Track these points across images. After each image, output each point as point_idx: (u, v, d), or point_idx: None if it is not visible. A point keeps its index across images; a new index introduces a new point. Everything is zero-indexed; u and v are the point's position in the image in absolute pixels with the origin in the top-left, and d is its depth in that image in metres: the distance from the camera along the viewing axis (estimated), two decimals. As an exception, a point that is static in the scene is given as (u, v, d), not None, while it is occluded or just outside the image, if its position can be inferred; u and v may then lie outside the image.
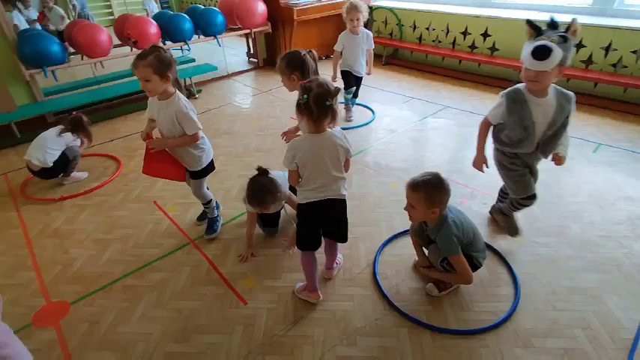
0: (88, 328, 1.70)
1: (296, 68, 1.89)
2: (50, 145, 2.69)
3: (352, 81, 3.50)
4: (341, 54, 3.39)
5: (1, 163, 3.18)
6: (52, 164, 2.70)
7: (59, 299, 1.85)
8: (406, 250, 2.04)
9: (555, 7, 4.09)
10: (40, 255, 2.16)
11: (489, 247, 2.01)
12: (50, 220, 2.45)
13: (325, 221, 1.69)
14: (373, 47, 3.42)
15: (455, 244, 1.62)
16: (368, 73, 3.52)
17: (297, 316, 1.72)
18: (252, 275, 1.95)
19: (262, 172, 1.86)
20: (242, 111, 4.09)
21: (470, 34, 4.51)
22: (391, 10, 5.20)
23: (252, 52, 5.59)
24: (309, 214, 1.65)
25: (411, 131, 3.43)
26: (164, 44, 4.18)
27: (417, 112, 3.79)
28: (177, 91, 1.87)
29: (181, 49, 4.40)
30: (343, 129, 1.61)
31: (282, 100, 4.26)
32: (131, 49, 4.06)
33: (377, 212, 2.38)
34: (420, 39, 5.03)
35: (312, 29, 5.18)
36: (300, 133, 2.03)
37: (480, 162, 1.94)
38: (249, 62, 5.61)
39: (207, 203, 2.20)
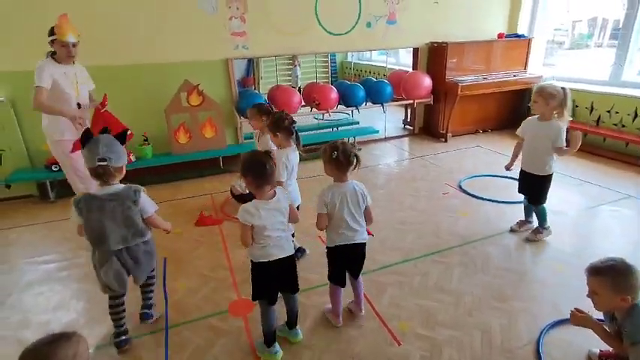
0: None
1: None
2: (250, 176, 3.41)
3: (524, 183, 2.78)
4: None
5: (209, 186, 4.11)
6: (248, 192, 3.39)
7: (247, 297, 2.28)
8: (578, 338, 1.86)
9: None
10: (233, 259, 2.70)
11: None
12: (235, 233, 3.03)
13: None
14: (562, 146, 2.50)
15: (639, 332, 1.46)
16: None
17: (450, 371, 1.74)
18: (407, 319, 2.06)
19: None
20: (397, 171, 4.39)
21: (666, 120, 4.01)
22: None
23: (408, 119, 6.01)
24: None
25: (582, 216, 3.16)
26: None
27: (590, 198, 3.47)
28: (292, 146, 2.40)
29: (351, 113, 5.06)
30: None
31: (435, 165, 4.43)
32: (311, 109, 4.88)
33: (540, 291, 2.25)
34: (597, 121, 4.67)
35: (472, 104, 5.34)
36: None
37: None
38: (405, 129, 6.02)
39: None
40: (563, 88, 2.46)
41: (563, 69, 5.64)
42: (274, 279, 1.78)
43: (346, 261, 1.97)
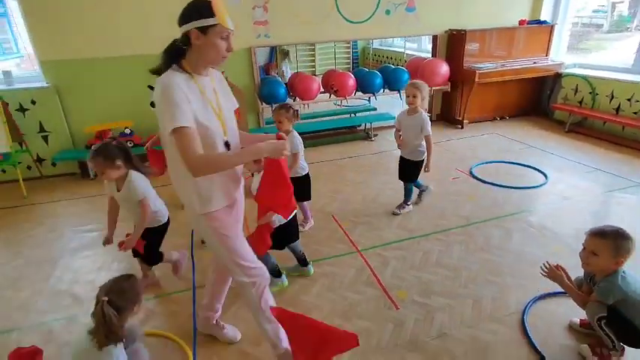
0: (278, 292, 2.29)
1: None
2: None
3: (403, 168, 3.19)
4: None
5: (232, 167, 4.40)
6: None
7: (263, 265, 2.56)
8: (562, 309, 2.04)
9: None
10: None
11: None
12: (253, 209, 3.31)
13: None
14: (429, 134, 2.94)
15: (611, 291, 1.62)
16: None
17: (440, 332, 1.96)
18: (406, 289, 2.27)
19: None
20: (411, 156, 4.53)
21: (687, 109, 3.97)
22: (585, 77, 4.98)
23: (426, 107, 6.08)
24: None
25: (589, 202, 3.24)
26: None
27: (600, 184, 3.53)
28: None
29: (369, 100, 5.20)
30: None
31: (449, 152, 4.54)
32: (330, 96, 5.06)
33: (535, 269, 2.37)
34: (617, 109, 4.63)
35: (490, 91, 5.37)
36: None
37: None
38: (423, 115, 6.10)
39: None
40: None
41: (585, 56, 5.56)
42: None
43: None
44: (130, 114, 4.26)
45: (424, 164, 3.05)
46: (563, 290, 2.11)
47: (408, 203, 3.22)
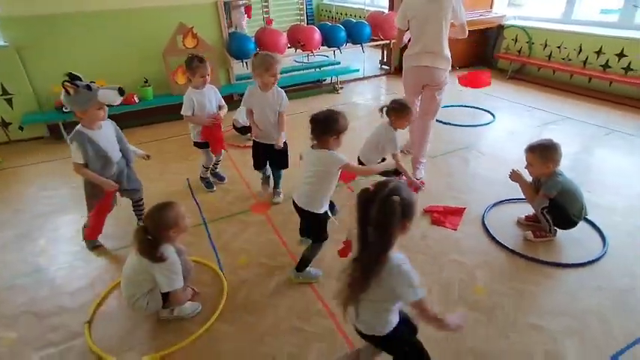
0: (283, 218, 2.65)
1: None
2: (250, 110, 3.87)
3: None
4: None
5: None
6: (248, 124, 3.87)
7: (265, 200, 2.87)
8: (510, 212, 2.60)
9: None
10: (246, 176, 3.26)
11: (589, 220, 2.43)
12: (242, 158, 3.57)
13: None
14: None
15: (555, 186, 2.14)
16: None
17: (423, 235, 2.44)
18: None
19: None
20: (375, 105, 4.92)
21: (604, 53, 4.67)
22: (523, 28, 5.56)
23: (385, 60, 6.45)
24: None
25: (529, 133, 3.85)
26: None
27: (537, 120, 4.17)
28: None
29: (334, 54, 5.42)
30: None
31: (410, 100, 4.98)
32: (295, 50, 5.23)
33: (486, 186, 2.95)
34: (549, 57, 5.29)
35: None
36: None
37: None
38: (381, 69, 6.47)
39: None
40: None
41: (526, 9, 6.14)
42: None
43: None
44: (101, 72, 4.17)
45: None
46: (510, 198, 2.70)
47: None
